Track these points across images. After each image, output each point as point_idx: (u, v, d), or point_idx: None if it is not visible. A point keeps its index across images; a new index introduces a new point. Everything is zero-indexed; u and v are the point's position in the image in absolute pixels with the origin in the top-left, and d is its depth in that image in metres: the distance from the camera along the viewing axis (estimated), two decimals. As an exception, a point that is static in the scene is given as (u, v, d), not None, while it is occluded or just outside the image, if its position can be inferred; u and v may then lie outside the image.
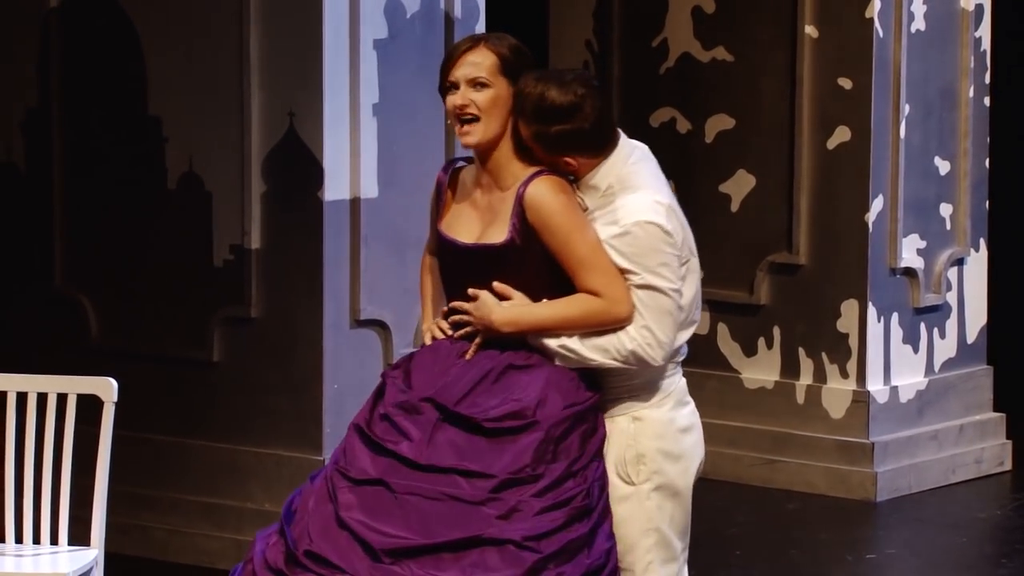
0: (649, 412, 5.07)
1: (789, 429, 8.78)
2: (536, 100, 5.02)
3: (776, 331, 8.86)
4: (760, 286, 8.87)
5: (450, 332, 5.06)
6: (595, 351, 5.01)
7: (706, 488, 8.56)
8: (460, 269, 5.10)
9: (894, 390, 8.74)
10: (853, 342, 8.67)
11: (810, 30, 8.70)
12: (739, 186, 8.94)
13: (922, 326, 8.86)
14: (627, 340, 5.00)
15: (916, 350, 8.84)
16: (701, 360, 8.86)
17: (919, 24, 8.72)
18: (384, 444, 4.96)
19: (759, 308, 8.91)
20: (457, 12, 7.60)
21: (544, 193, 4.99)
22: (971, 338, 9.06)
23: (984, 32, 8.94)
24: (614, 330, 4.99)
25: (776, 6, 8.76)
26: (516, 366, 5.00)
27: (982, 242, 9.05)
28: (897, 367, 8.77)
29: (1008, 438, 9.09)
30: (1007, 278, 9.46)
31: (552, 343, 5.01)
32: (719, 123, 8.98)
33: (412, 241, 7.42)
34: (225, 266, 7.49)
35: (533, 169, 5.05)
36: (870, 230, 8.64)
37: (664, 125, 9.08)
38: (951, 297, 8.96)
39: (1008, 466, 9.04)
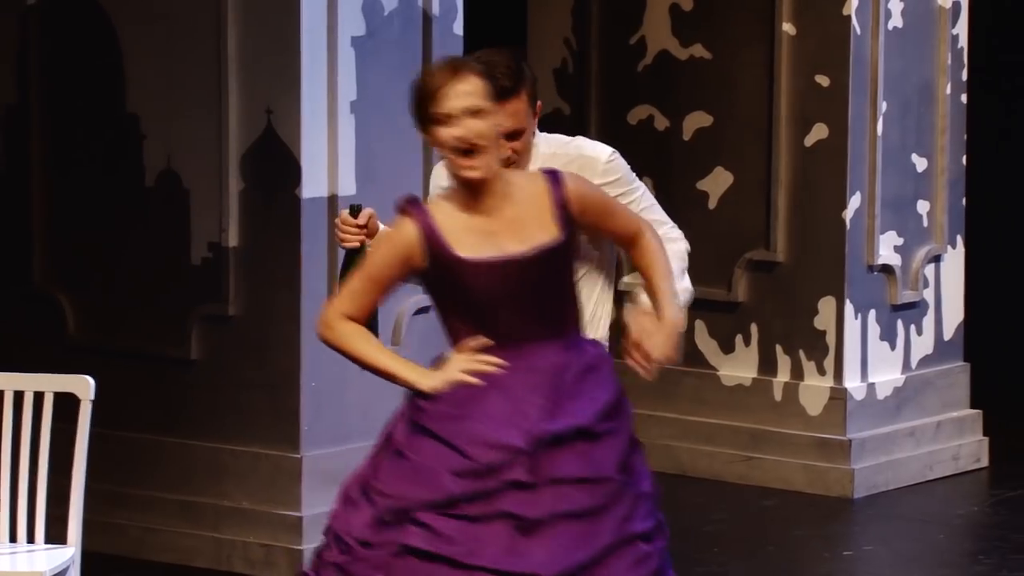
0: None
1: (766, 426, 8.76)
2: None
3: (754, 328, 8.85)
4: (738, 283, 8.86)
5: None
6: (683, 275, 5.21)
7: (684, 485, 8.61)
8: (510, 288, 4.83)
9: (871, 387, 8.73)
10: (830, 339, 8.66)
11: (787, 27, 8.69)
12: (717, 183, 8.93)
13: (899, 323, 8.85)
14: (678, 244, 5.25)
15: (893, 347, 8.84)
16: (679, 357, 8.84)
17: (896, 21, 8.72)
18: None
19: (737, 305, 8.89)
20: (435, 9, 7.60)
21: (576, 178, 4.91)
22: (948, 335, 9.05)
23: (961, 29, 8.95)
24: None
25: (754, 3, 8.75)
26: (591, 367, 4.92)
27: (959, 239, 9.05)
28: (874, 364, 8.76)
29: (985, 435, 9.09)
30: (985, 275, 9.44)
31: (680, 302, 5.09)
32: (697, 120, 8.97)
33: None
34: (203, 264, 7.47)
35: (532, 170, 4.99)
36: (847, 227, 8.63)
37: (642, 123, 9.07)
38: (928, 294, 8.96)
39: (985, 463, 9.04)
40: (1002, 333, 9.93)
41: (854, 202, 8.65)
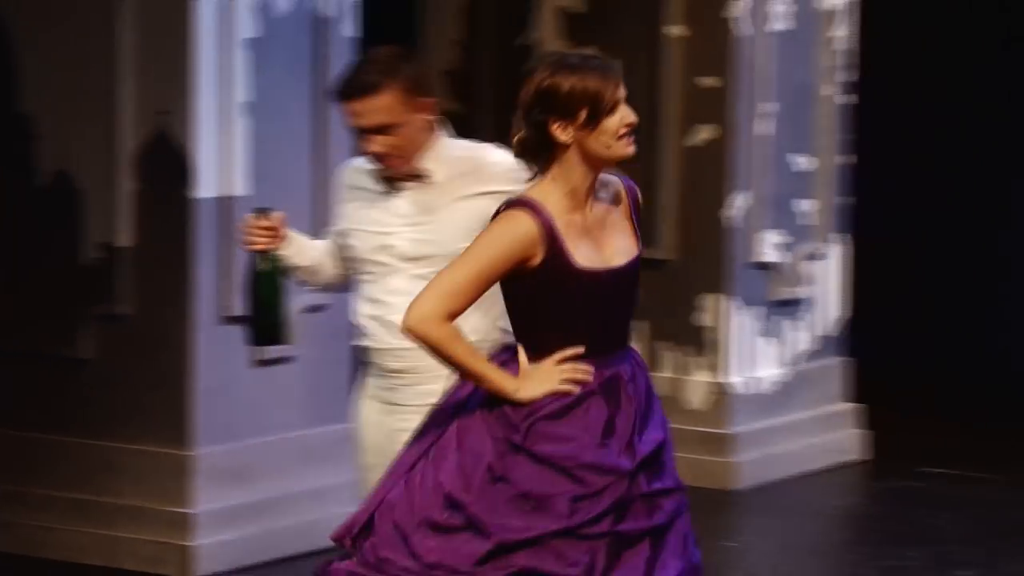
0: None
1: (654, 419, 8.84)
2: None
3: (640, 325, 8.92)
4: (625, 280, 8.92)
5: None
6: None
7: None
8: (607, 298, 4.74)
9: (754, 381, 8.83)
10: (714, 335, 8.75)
11: (674, 30, 8.76)
12: (605, 182, 8.99)
13: (782, 319, 8.95)
14: None
15: (776, 342, 8.93)
16: (569, 351, 8.91)
17: (781, 24, 8.80)
18: None
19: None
20: (328, 12, 7.60)
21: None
22: (829, 331, 9.16)
23: (845, 32, 9.03)
24: None
25: (641, 6, 8.82)
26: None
27: (841, 237, 9.14)
28: (757, 359, 8.86)
29: (865, 428, 9.20)
30: (867, 272, 9.55)
31: None
32: (585, 120, 9.02)
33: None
34: (95, 264, 7.45)
35: (607, 170, 4.81)
36: (731, 225, 8.72)
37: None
38: (810, 291, 9.05)
39: (864, 455, 9.15)
40: (889, 329, 10.04)
41: (738, 201, 8.73)
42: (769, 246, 8.86)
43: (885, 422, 9.26)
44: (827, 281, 9.12)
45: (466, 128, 9.20)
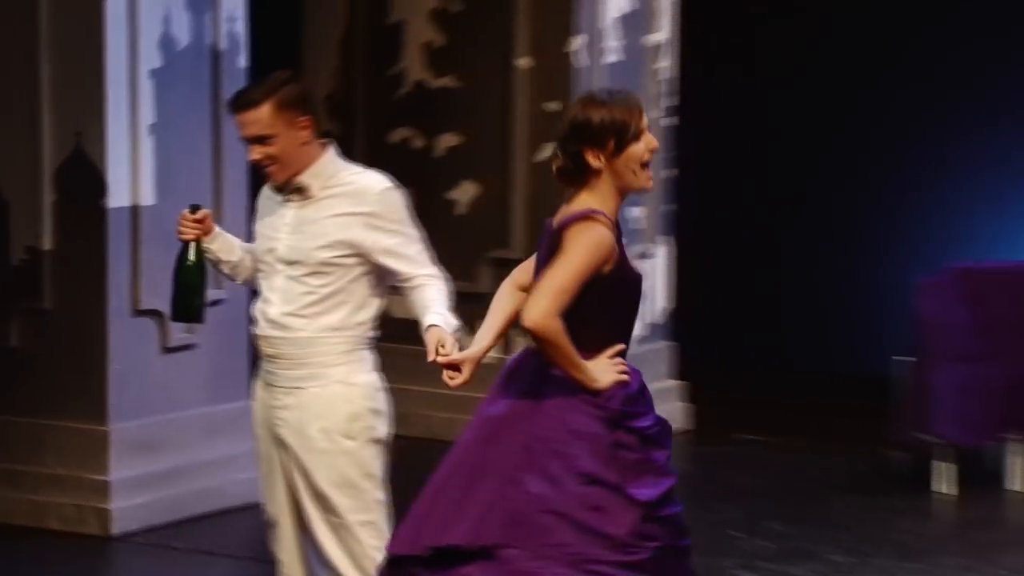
0: (360, 377, 5.11)
1: (508, 396, 8.86)
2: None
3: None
4: (481, 277, 8.95)
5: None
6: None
7: (438, 448, 8.66)
8: (637, 303, 4.91)
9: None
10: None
11: (522, 61, 8.79)
12: (464, 193, 9.01)
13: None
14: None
15: (613, 329, 8.98)
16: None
17: (613, 57, 8.86)
18: None
19: (481, 296, 8.91)
20: (223, 45, 7.58)
21: None
22: (657, 319, 9.22)
23: (667, 63, 9.10)
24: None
25: (493, 41, 8.83)
26: None
27: (666, 239, 9.21)
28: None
29: (688, 402, 9.27)
30: (689, 269, 9.62)
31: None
32: (448, 140, 9.05)
33: (185, 242, 7.39)
34: (21, 264, 7.43)
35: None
36: (573, 229, 8.75)
37: (402, 142, 9.13)
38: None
39: (688, 426, 9.21)
40: (707, 317, 10.11)
41: (579, 208, 8.78)
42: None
43: (705, 397, 9.33)
44: (655, 277, 9.17)
45: (343, 147, 9.24)
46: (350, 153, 9.14)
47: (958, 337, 7.92)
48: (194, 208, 5.09)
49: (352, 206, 5.06)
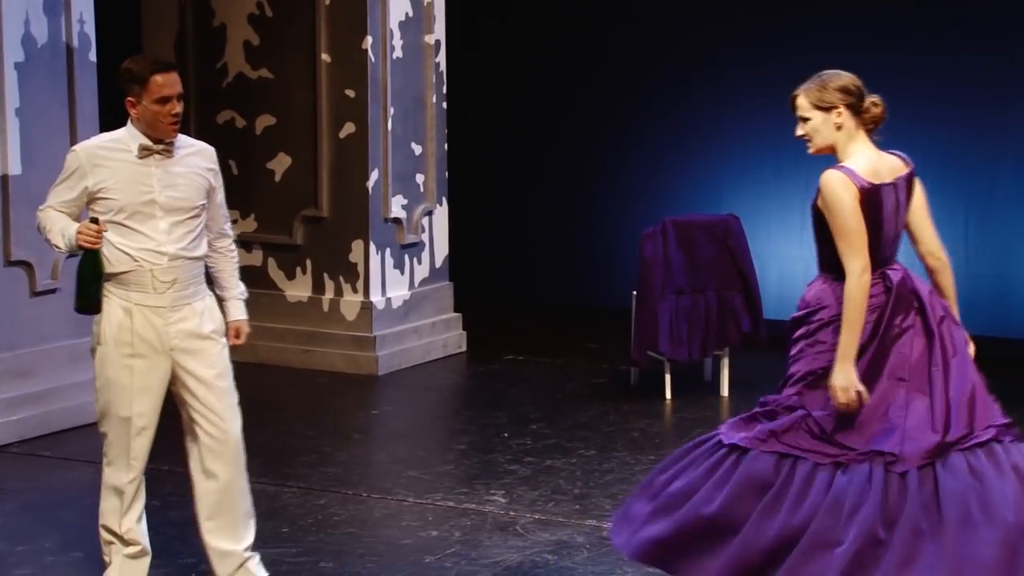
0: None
1: (319, 328, 8.74)
2: None
3: (308, 262, 8.81)
4: (296, 232, 8.80)
5: None
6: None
7: (263, 372, 8.53)
8: None
9: (388, 300, 8.77)
10: (360, 268, 8.68)
11: (325, 56, 8.63)
12: (280, 164, 8.84)
13: (406, 256, 8.91)
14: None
15: (402, 273, 8.89)
16: (258, 284, 8.76)
17: (399, 53, 8.75)
18: None
19: (296, 247, 8.84)
20: (75, 43, 7.32)
21: None
22: (438, 264, 9.16)
23: (441, 58, 9.01)
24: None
25: (301, 39, 8.66)
26: None
27: (444, 199, 9.14)
28: (390, 284, 8.81)
29: (464, 329, 9.22)
30: (461, 223, 9.57)
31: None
32: (265, 121, 8.85)
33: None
34: (-92, 225, 7.09)
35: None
36: (370, 193, 8.64)
37: (227, 122, 8.91)
38: (425, 237, 9.04)
39: (464, 348, 9.17)
40: (480, 261, 10.05)
41: (374, 176, 8.66)
42: (397, 207, 8.81)
43: (478, 325, 9.28)
44: (436, 230, 9.10)
45: (180, 127, 8.96)
46: (184, 130, 8.91)
47: (674, 275, 7.96)
48: (94, 221, 4.82)
49: (207, 163, 5.03)
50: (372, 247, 8.67)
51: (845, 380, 4.51)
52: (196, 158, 4.98)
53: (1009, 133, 8.87)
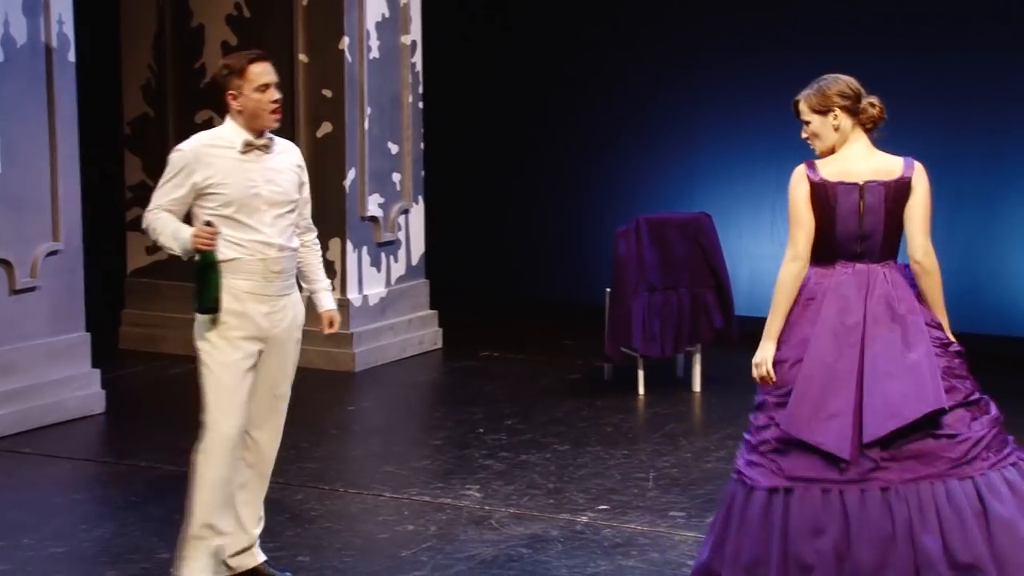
0: None
1: (296, 326, 8.73)
2: None
3: (285, 260, 8.79)
4: (273, 230, 8.78)
5: None
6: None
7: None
8: None
9: (365, 297, 8.79)
10: (337, 266, 8.69)
11: (302, 57, 8.63)
12: (258, 163, 8.83)
13: (382, 254, 8.93)
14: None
15: (379, 270, 8.91)
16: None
17: (375, 53, 8.76)
18: None
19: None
20: (54, 44, 7.31)
21: None
22: (415, 262, 9.17)
23: (418, 58, 9.03)
24: None
25: (279, 39, 8.66)
26: None
27: (420, 198, 9.16)
28: (367, 282, 8.82)
29: (440, 326, 9.24)
30: (438, 221, 9.59)
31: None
32: (243, 120, 8.84)
33: (29, 203, 7.14)
34: None
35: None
36: (346, 191, 8.66)
37: (205, 122, 8.90)
38: (401, 235, 9.06)
39: (440, 345, 9.19)
40: (454, 260, 10.08)
41: (351, 175, 8.68)
42: (374, 205, 8.82)
43: (454, 322, 9.30)
44: (412, 228, 9.12)
45: (157, 128, 8.99)
46: (163, 131, 8.94)
47: (647, 272, 7.99)
48: (209, 224, 4.94)
49: (299, 160, 5.25)
50: (349, 245, 8.68)
51: (760, 357, 4.74)
52: (288, 155, 5.13)
53: (974, 135, 8.94)
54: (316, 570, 5.44)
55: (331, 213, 8.65)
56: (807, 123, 4.82)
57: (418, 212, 9.15)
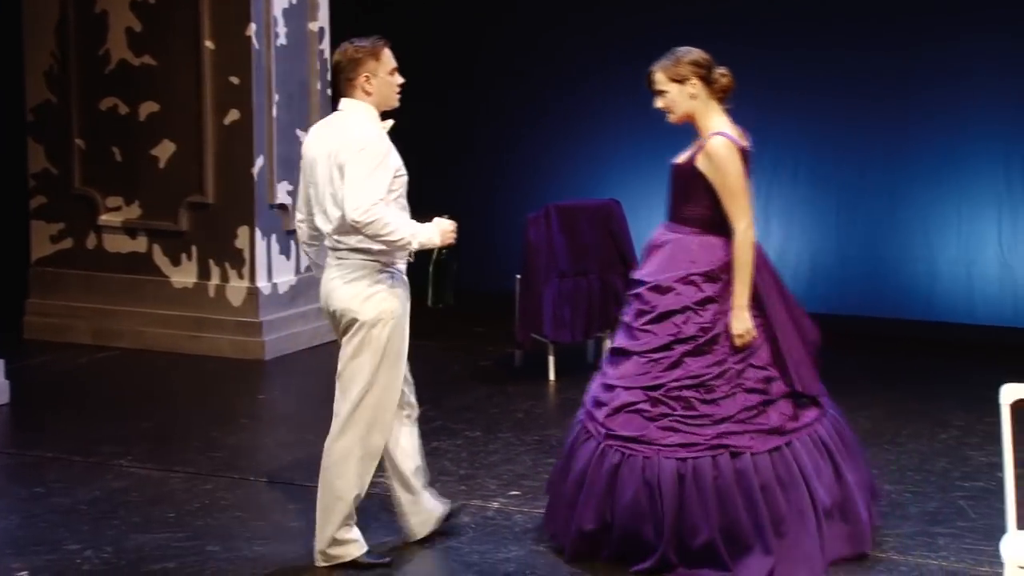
0: None
1: (205, 314, 8.67)
2: None
3: (193, 249, 8.72)
4: (182, 218, 8.71)
5: None
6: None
7: (151, 357, 8.44)
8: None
9: (275, 285, 8.73)
10: (246, 254, 8.62)
11: (208, 43, 8.54)
12: (165, 151, 8.74)
13: (292, 242, 8.87)
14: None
15: (288, 258, 8.86)
16: (144, 271, 8.67)
17: (282, 40, 8.70)
18: None
19: (182, 233, 8.75)
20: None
21: None
22: (324, 249, 9.11)
23: (326, 45, 8.98)
24: None
25: (185, 26, 8.58)
26: None
27: (330, 185, 9.09)
28: (276, 270, 8.76)
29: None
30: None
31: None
32: (149, 107, 8.75)
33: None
34: None
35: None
36: (255, 179, 8.58)
37: (110, 109, 8.79)
38: (310, 222, 8.98)
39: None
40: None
41: (259, 162, 8.61)
42: (283, 193, 8.76)
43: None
44: (324, 216, 9.05)
45: (61, 114, 8.86)
46: (67, 118, 8.81)
47: (557, 259, 8.01)
48: (452, 218, 5.09)
49: None
50: (258, 233, 8.61)
51: (742, 327, 4.88)
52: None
53: (876, 127, 9.06)
54: (227, 559, 5.39)
55: (240, 201, 8.57)
56: (663, 92, 5.01)
57: (330, 199, 9.09)
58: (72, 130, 8.84)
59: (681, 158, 5.11)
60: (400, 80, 5.13)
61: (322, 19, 8.93)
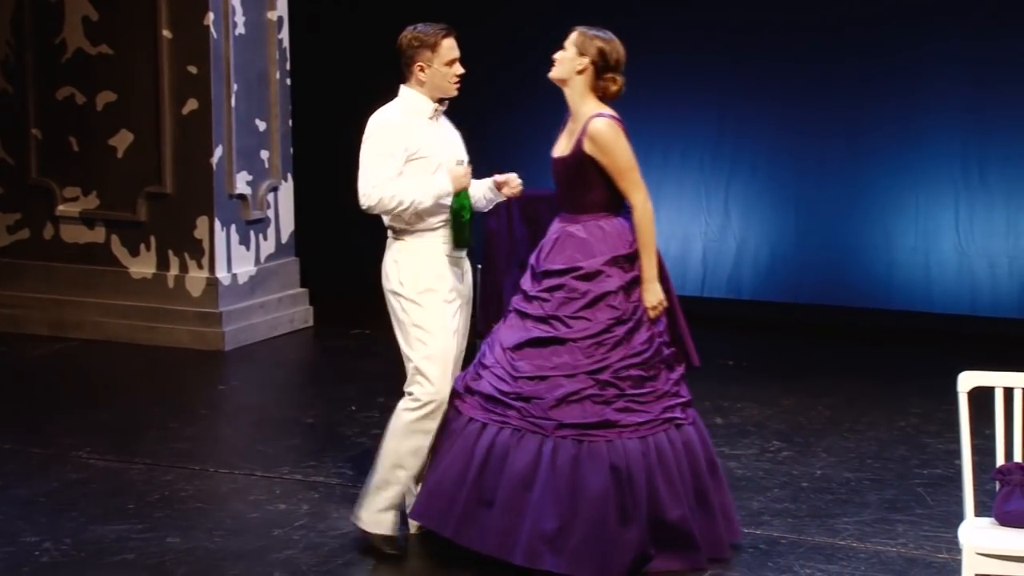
0: None
1: (164, 305, 8.62)
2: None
3: (152, 239, 8.67)
4: (140, 208, 8.66)
5: None
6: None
7: (108, 348, 8.39)
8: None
9: (235, 276, 8.69)
10: (206, 245, 8.58)
11: (166, 32, 8.49)
12: (123, 140, 8.68)
13: (251, 232, 8.83)
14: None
15: (248, 248, 8.82)
16: (102, 261, 8.62)
17: (241, 29, 8.65)
18: None
19: (140, 223, 8.69)
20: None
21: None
22: (284, 240, 9.10)
23: (284, 34, 8.94)
24: None
25: (142, 15, 8.53)
26: None
27: (289, 175, 9.08)
28: (236, 260, 8.72)
29: (310, 304, 9.18)
30: (307, 199, 9.51)
31: None
32: (106, 97, 8.69)
33: None
34: None
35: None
36: (214, 169, 8.54)
37: (66, 99, 8.73)
38: (270, 213, 8.97)
39: (311, 323, 9.14)
40: (324, 236, 10.00)
41: (218, 152, 8.56)
42: (242, 183, 8.72)
43: (324, 300, 9.26)
44: (281, 206, 9.03)
45: (16, 105, 8.78)
46: (24, 107, 8.74)
47: (517, 248, 8.00)
48: (460, 164, 5.22)
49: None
50: (217, 223, 8.57)
51: (656, 299, 5.05)
52: (445, 120, 5.33)
53: (834, 118, 9.10)
54: (187, 551, 5.37)
55: (198, 191, 8.53)
56: (564, 49, 5.15)
57: (287, 190, 9.06)
58: (29, 120, 8.77)
59: (562, 149, 5.11)
60: (459, 71, 5.19)
61: (281, 8, 8.88)
